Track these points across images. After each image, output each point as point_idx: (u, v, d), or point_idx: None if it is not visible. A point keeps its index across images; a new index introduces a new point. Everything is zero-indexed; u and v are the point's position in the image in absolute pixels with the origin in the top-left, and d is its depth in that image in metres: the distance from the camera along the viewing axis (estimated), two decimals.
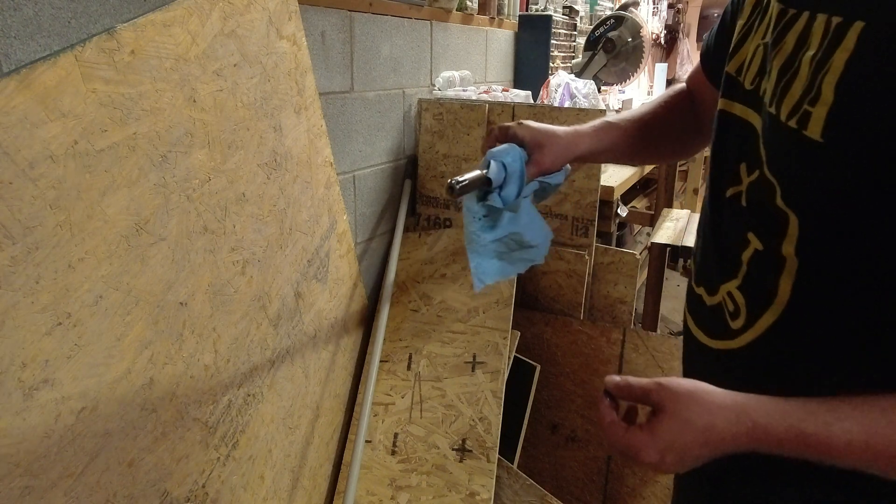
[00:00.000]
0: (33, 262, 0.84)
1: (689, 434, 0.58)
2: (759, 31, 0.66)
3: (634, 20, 2.93)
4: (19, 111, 0.80)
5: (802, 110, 0.55)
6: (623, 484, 1.75)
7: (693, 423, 0.57)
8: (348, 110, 1.56)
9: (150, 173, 0.99)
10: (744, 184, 0.65)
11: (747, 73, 0.67)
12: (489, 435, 1.50)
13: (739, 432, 0.56)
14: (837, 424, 0.53)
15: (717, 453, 0.58)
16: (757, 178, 0.62)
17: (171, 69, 1.00)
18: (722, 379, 0.62)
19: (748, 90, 0.66)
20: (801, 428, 0.54)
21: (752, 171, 0.64)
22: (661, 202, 3.27)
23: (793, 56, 0.58)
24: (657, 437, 0.59)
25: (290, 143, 1.30)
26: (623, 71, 3.02)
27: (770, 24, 0.64)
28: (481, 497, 1.45)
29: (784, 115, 0.57)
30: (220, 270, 1.14)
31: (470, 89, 1.96)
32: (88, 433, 0.93)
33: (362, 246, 1.71)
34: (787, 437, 0.55)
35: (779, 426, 0.55)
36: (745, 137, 0.66)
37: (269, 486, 1.32)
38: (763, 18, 0.66)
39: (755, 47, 0.66)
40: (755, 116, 0.65)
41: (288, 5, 1.24)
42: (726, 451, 0.57)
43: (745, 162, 0.65)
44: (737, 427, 0.56)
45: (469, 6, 2.06)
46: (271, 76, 1.22)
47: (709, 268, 0.73)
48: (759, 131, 0.63)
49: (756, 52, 0.66)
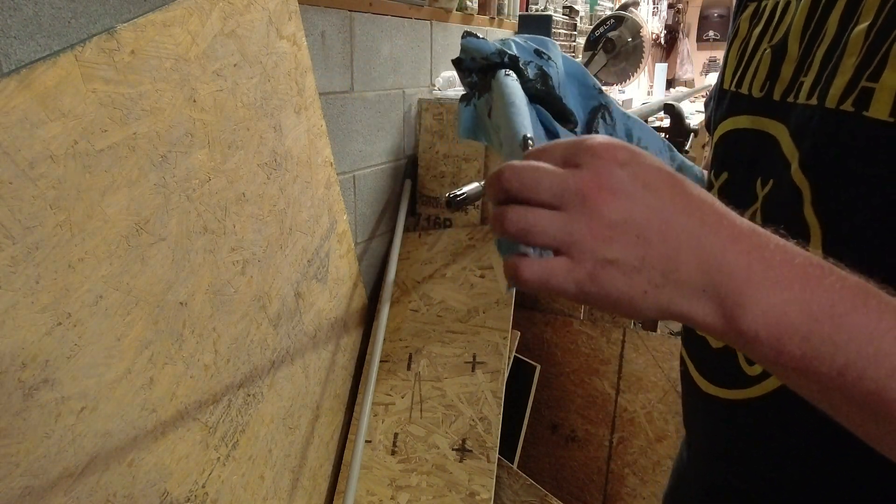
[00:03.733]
0: (33, 262, 0.84)
1: (672, 175, 0.36)
2: (765, 38, 0.62)
3: (634, 20, 2.93)
4: (19, 111, 0.81)
5: (860, 88, 0.45)
6: (623, 484, 1.75)
7: (662, 168, 0.36)
8: (348, 110, 1.56)
9: (150, 173, 0.99)
10: (759, 200, 0.56)
11: (754, 82, 0.61)
12: (489, 435, 1.50)
13: (742, 230, 0.35)
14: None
15: (711, 240, 0.35)
16: (773, 188, 0.53)
17: (171, 69, 1.00)
18: (731, 435, 0.54)
19: (758, 98, 0.60)
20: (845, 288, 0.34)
21: (767, 181, 0.54)
22: None
23: (837, 38, 0.50)
24: (615, 173, 0.35)
25: (290, 143, 1.30)
26: (623, 71, 3.02)
27: (783, 22, 0.59)
28: (481, 497, 1.45)
29: (833, 101, 0.47)
30: (220, 270, 1.14)
31: None
32: (88, 433, 0.93)
33: (362, 246, 1.71)
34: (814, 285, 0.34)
35: (810, 266, 0.35)
36: (760, 148, 0.57)
37: (269, 485, 1.32)
38: (770, 23, 0.62)
39: (761, 55, 0.61)
40: (770, 123, 0.58)
41: (288, 5, 1.24)
42: (716, 256, 0.34)
43: (759, 176, 0.56)
44: (740, 224, 0.36)
45: (469, 6, 2.06)
46: (271, 76, 1.22)
47: None
48: (780, 136, 0.55)
49: (763, 58, 0.60)
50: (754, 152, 0.58)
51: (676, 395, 1.67)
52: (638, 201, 0.34)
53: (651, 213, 0.34)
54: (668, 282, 0.34)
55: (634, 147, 0.36)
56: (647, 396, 1.71)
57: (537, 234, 0.35)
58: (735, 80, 0.64)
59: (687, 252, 0.34)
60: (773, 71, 0.58)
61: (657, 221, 0.34)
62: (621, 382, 1.73)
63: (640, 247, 0.34)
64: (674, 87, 5.40)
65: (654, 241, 0.34)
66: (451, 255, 1.74)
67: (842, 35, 0.49)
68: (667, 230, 0.34)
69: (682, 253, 0.34)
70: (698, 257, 0.34)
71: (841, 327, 0.33)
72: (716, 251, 0.34)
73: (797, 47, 0.56)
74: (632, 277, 0.34)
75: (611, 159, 0.35)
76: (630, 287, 0.34)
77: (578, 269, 0.34)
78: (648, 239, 0.34)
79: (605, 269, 0.34)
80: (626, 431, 1.74)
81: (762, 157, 0.56)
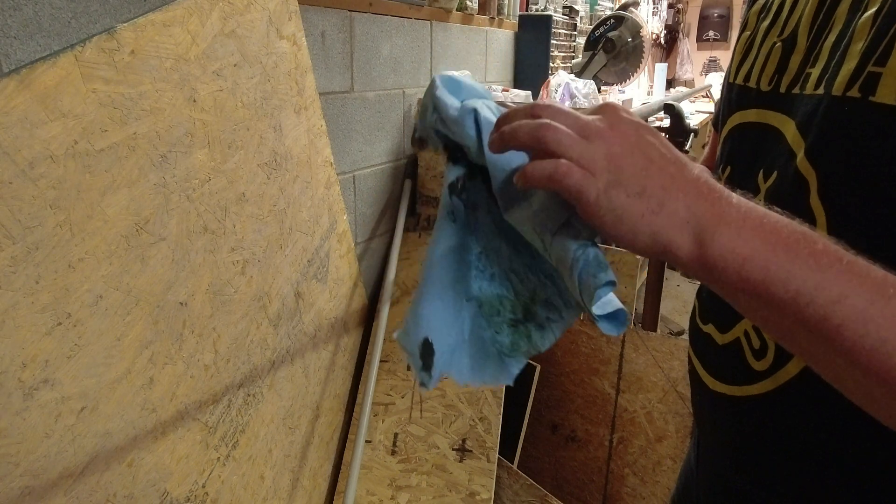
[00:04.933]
0: (33, 262, 0.84)
1: (656, 136, 0.44)
2: (774, 31, 0.62)
3: (634, 20, 2.93)
4: (19, 111, 0.80)
5: (866, 74, 0.46)
6: (623, 484, 1.75)
7: (658, 138, 0.44)
8: (348, 110, 1.56)
9: (150, 173, 0.99)
10: (762, 192, 0.56)
11: (762, 76, 0.61)
12: (489, 435, 1.50)
13: (715, 188, 0.42)
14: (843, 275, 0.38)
15: (684, 184, 0.41)
16: (777, 180, 0.54)
17: (171, 69, 1.00)
18: (738, 431, 0.55)
19: (765, 91, 0.60)
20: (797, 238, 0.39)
21: (769, 173, 0.56)
22: None
23: (845, 28, 0.50)
24: (625, 119, 0.43)
25: (290, 142, 1.30)
26: (623, 71, 3.02)
27: (793, 15, 0.59)
28: (481, 497, 1.45)
29: (839, 88, 0.48)
30: (220, 270, 1.14)
31: None
32: (88, 433, 0.93)
33: (362, 246, 1.70)
34: (767, 237, 0.39)
35: (764, 221, 0.40)
36: (763, 142, 0.58)
37: (269, 485, 1.32)
38: (778, 16, 0.62)
39: (769, 48, 0.61)
40: (776, 116, 0.58)
41: (288, 5, 1.24)
42: (698, 201, 0.41)
43: (762, 168, 0.57)
44: (713, 183, 0.42)
45: (469, 6, 2.06)
46: (271, 76, 1.22)
47: (720, 302, 0.55)
48: (785, 129, 0.55)
49: (772, 50, 0.60)
50: (757, 146, 0.59)
51: (676, 395, 1.66)
52: (644, 146, 0.42)
53: (653, 155, 0.42)
54: (662, 210, 0.41)
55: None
56: (647, 396, 1.71)
57: (566, 147, 0.42)
58: (741, 73, 0.64)
59: (677, 191, 0.41)
60: (782, 64, 0.58)
61: (658, 162, 0.42)
62: (621, 382, 1.73)
63: (643, 178, 0.41)
64: (674, 87, 5.40)
65: (654, 176, 0.41)
66: None
67: (850, 24, 0.49)
68: (664, 169, 0.42)
69: (674, 190, 0.41)
70: (686, 196, 0.41)
71: (794, 259, 0.38)
72: (698, 194, 0.41)
73: (805, 40, 0.56)
74: (634, 200, 0.41)
75: (621, 112, 0.44)
76: (632, 207, 0.41)
77: (595, 182, 0.41)
78: (650, 173, 0.41)
79: (614, 188, 0.41)
80: (626, 431, 1.74)
81: (765, 151, 0.57)
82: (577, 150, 0.41)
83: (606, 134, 0.42)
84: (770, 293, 0.39)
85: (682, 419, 1.66)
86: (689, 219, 0.41)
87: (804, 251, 0.39)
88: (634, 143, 0.42)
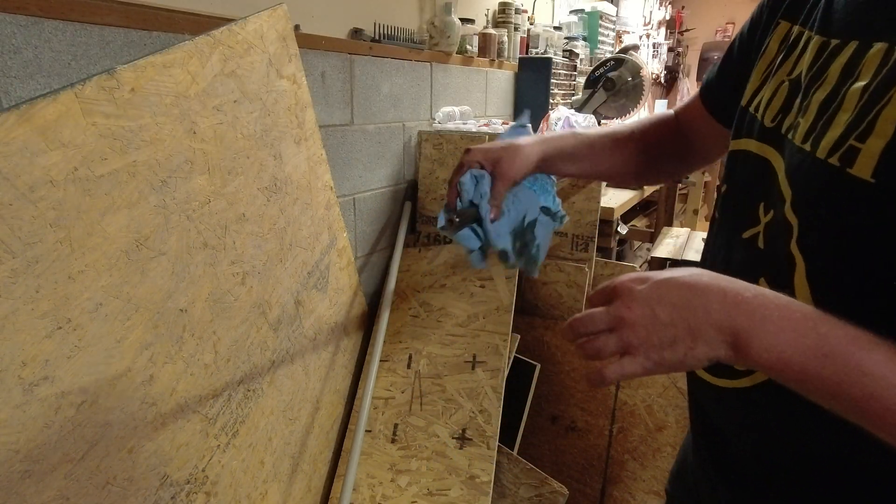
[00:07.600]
0: (33, 273, 0.81)
1: (677, 279, 0.45)
2: (785, 67, 0.56)
3: (634, 62, 2.80)
4: (19, 141, 0.78)
5: (847, 146, 0.44)
6: (623, 468, 1.63)
7: (679, 274, 0.46)
8: (348, 141, 1.51)
9: (151, 196, 0.96)
10: (761, 224, 0.55)
11: (767, 110, 0.57)
12: (489, 425, 1.41)
13: (745, 298, 0.43)
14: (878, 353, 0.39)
15: (720, 309, 0.43)
16: (773, 218, 0.53)
17: (171, 104, 0.97)
18: (731, 417, 0.54)
19: (768, 127, 0.56)
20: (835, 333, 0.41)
21: (769, 210, 0.54)
22: (661, 221, 3.15)
23: (836, 89, 0.48)
24: (636, 294, 0.46)
25: (290, 169, 1.26)
26: (623, 106, 2.89)
27: (802, 58, 0.54)
28: (481, 480, 1.37)
29: (823, 152, 0.46)
30: (220, 281, 1.11)
31: (470, 122, 1.89)
32: (89, 423, 0.90)
33: (362, 259, 1.65)
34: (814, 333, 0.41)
35: (809, 321, 0.41)
36: (762, 176, 0.56)
37: (269, 469, 1.28)
38: (791, 53, 0.56)
39: (778, 83, 0.56)
40: (773, 154, 0.55)
41: (287, 49, 1.21)
42: (723, 319, 0.43)
43: (763, 201, 0.55)
44: (745, 290, 0.43)
45: (469, 49, 1.99)
46: (271, 111, 1.19)
47: None
48: (779, 170, 0.53)
49: (780, 88, 0.56)
50: (756, 176, 0.58)
51: (676, 390, 1.55)
52: (662, 303, 0.45)
53: (675, 302, 0.45)
54: (698, 343, 0.44)
55: (643, 272, 0.47)
56: (647, 392, 1.60)
57: (607, 350, 0.47)
58: (754, 102, 0.61)
59: (704, 322, 0.43)
60: (787, 104, 0.55)
61: (680, 306, 0.44)
62: None
63: (671, 330, 0.44)
64: None
65: (678, 324, 0.44)
66: (451, 268, 1.67)
67: (840, 87, 0.48)
68: (685, 313, 0.44)
69: (700, 323, 0.44)
70: (713, 323, 0.43)
71: (825, 361, 0.40)
72: (724, 316, 0.43)
73: (804, 86, 0.53)
74: (671, 350, 0.45)
75: (630, 286, 0.47)
76: (673, 355, 0.45)
77: (639, 360, 0.45)
78: (675, 321, 0.44)
79: (655, 351, 0.45)
80: (626, 422, 1.62)
81: (765, 185, 0.56)
82: (612, 346, 0.46)
83: (627, 316, 0.46)
84: (807, 386, 0.42)
85: (682, 412, 1.55)
86: (724, 339, 0.43)
87: (835, 354, 0.40)
88: (654, 308, 0.45)
